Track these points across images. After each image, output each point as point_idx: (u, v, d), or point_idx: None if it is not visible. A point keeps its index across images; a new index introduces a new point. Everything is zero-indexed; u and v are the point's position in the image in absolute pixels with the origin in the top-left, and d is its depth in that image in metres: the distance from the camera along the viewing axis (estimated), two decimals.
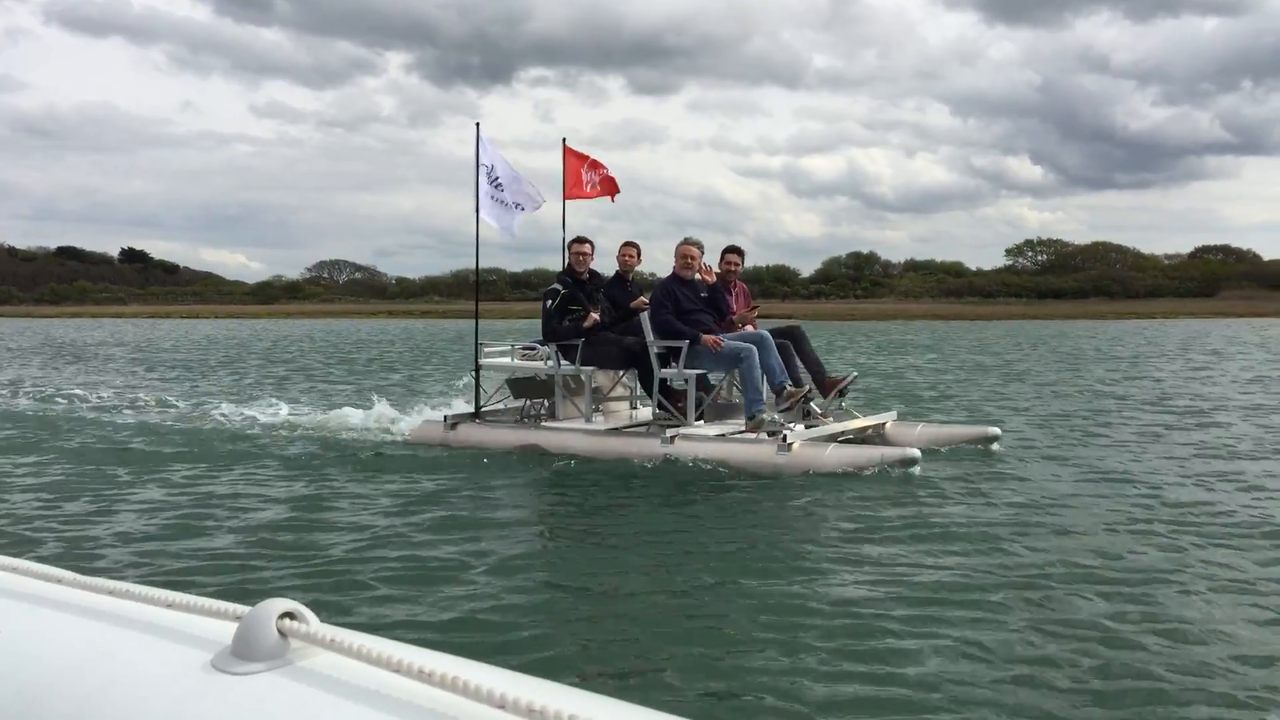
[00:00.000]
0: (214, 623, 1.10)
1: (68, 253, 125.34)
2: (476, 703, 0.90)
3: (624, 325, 9.52)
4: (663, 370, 9.04)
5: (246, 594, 4.81)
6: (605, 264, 10.08)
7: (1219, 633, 4.18)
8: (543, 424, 9.62)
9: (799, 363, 9.12)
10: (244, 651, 1.00)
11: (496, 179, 10.02)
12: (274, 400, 13.68)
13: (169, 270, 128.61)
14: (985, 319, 65.51)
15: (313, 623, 1.03)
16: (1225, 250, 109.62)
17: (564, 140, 10.64)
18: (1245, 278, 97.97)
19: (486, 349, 10.18)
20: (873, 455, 7.94)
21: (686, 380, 8.93)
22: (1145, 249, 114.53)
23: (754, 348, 8.71)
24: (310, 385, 17.35)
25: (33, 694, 1.06)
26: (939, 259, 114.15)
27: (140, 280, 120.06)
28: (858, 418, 9.16)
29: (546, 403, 9.97)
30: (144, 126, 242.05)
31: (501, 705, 0.88)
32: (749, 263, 10.10)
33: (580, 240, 9.74)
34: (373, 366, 22.70)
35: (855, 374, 9.48)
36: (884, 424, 9.25)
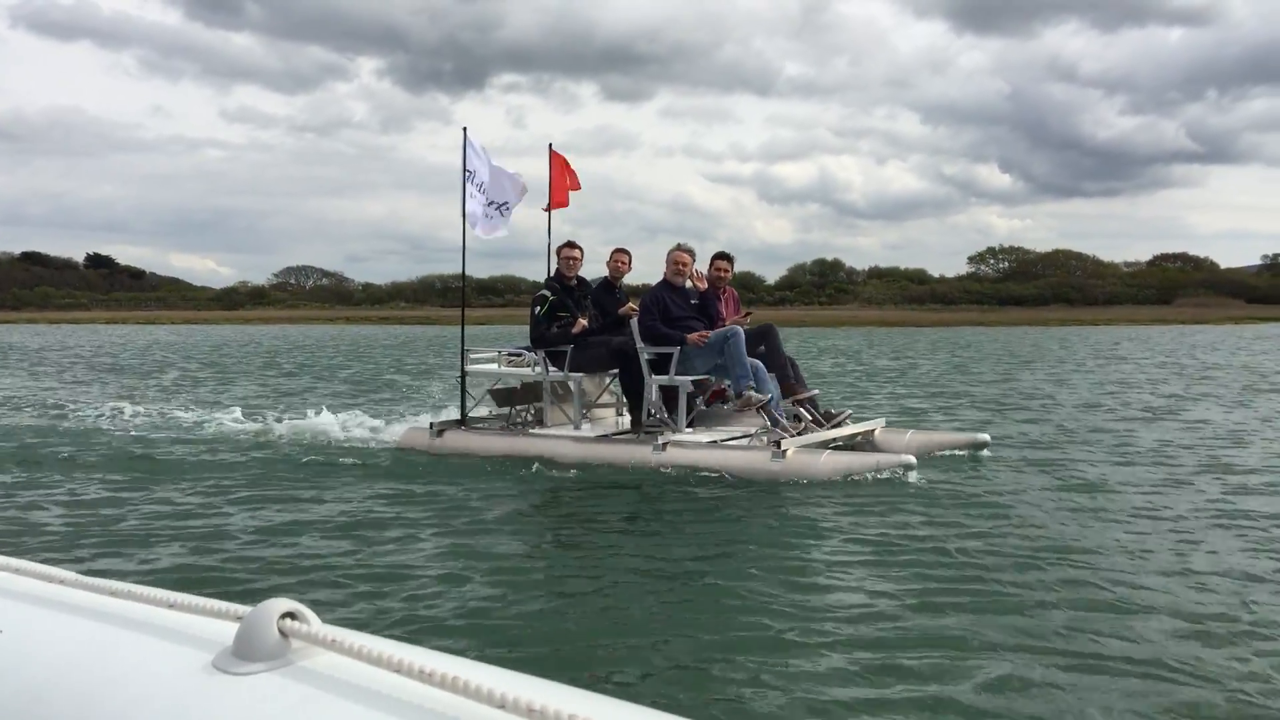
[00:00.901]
0: (215, 623, 1.10)
1: (32, 258, 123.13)
2: (477, 703, 0.90)
3: (612, 332, 9.47)
4: (656, 377, 8.98)
5: (242, 595, 4.74)
6: (588, 269, 10.03)
7: (1225, 627, 4.24)
8: (531, 431, 9.55)
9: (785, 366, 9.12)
10: (245, 651, 1.00)
11: (482, 183, 9.94)
12: (241, 406, 13.50)
13: (135, 276, 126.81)
14: (931, 325, 66.28)
15: (314, 623, 1.03)
16: (1184, 258, 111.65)
17: (550, 146, 10.55)
18: (1202, 285, 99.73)
19: (472, 355, 10.10)
20: (869, 462, 7.92)
21: (679, 387, 8.88)
22: (1114, 257, 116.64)
23: (739, 329, 8.75)
24: (245, 389, 17.20)
25: (34, 693, 1.06)
26: (910, 266, 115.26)
27: (105, 286, 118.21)
28: (847, 424, 9.15)
29: (533, 409, 9.89)
30: (113, 131, 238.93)
31: (502, 705, 0.88)
32: None
33: (571, 245, 9.65)
34: (305, 371, 22.59)
35: (816, 392, 9.42)
36: (873, 431, 9.25)
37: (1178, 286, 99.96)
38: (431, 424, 9.76)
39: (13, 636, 1.16)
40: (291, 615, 1.02)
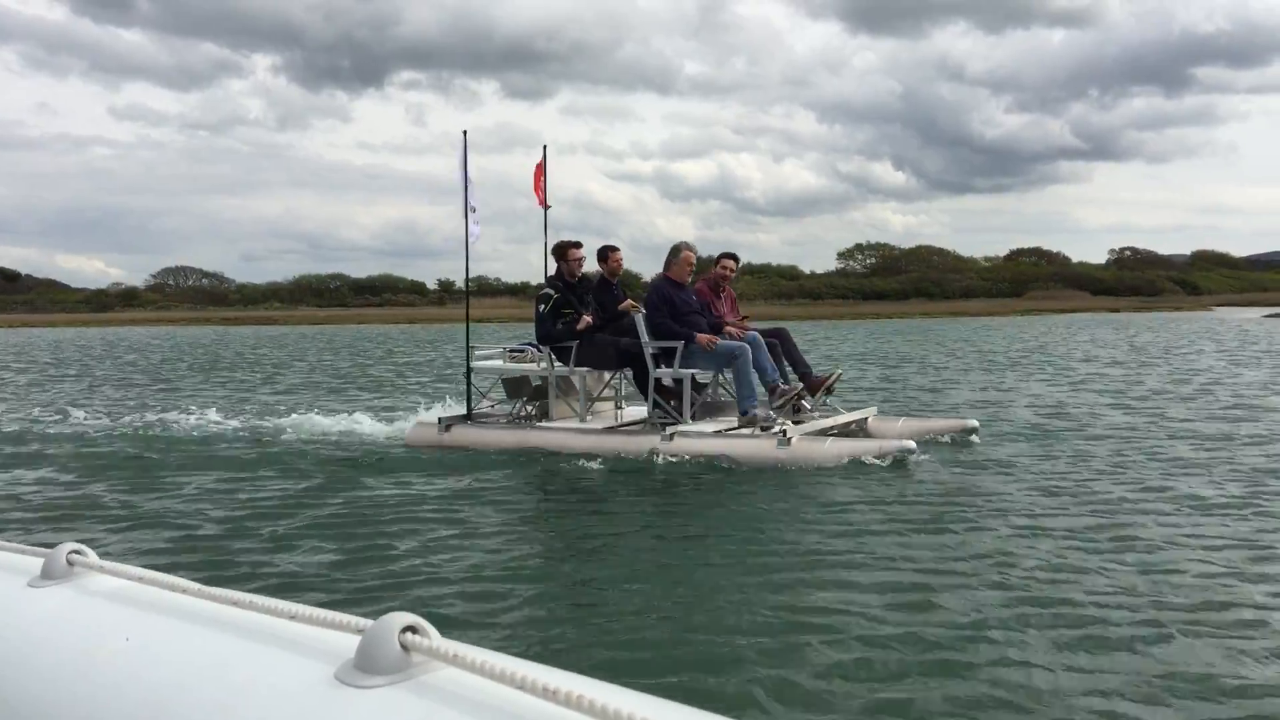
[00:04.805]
0: (336, 635, 1.10)
1: None
2: None
3: (614, 327, 9.83)
4: (656, 370, 9.37)
5: (306, 599, 4.91)
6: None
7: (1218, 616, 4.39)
8: (537, 425, 9.82)
9: (787, 364, 9.66)
10: (367, 665, 1.01)
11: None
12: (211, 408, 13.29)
13: (10, 278, 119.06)
14: (796, 320, 67.76)
15: (434, 637, 1.03)
16: (1038, 253, 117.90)
17: (544, 148, 10.83)
18: (1052, 278, 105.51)
19: (478, 352, 10.32)
20: (870, 447, 8.47)
21: (679, 380, 9.29)
22: (1002, 251, 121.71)
23: (748, 346, 9.18)
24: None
25: (159, 703, 1.08)
26: (792, 262, 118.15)
27: None
28: (841, 413, 9.73)
29: (538, 403, 10.17)
30: None
31: None
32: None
33: (578, 245, 9.97)
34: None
35: (840, 372, 10.01)
36: (866, 419, 9.85)
37: (1030, 280, 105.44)
38: (440, 419, 9.95)
39: (138, 645, 1.19)
40: (412, 629, 1.03)
